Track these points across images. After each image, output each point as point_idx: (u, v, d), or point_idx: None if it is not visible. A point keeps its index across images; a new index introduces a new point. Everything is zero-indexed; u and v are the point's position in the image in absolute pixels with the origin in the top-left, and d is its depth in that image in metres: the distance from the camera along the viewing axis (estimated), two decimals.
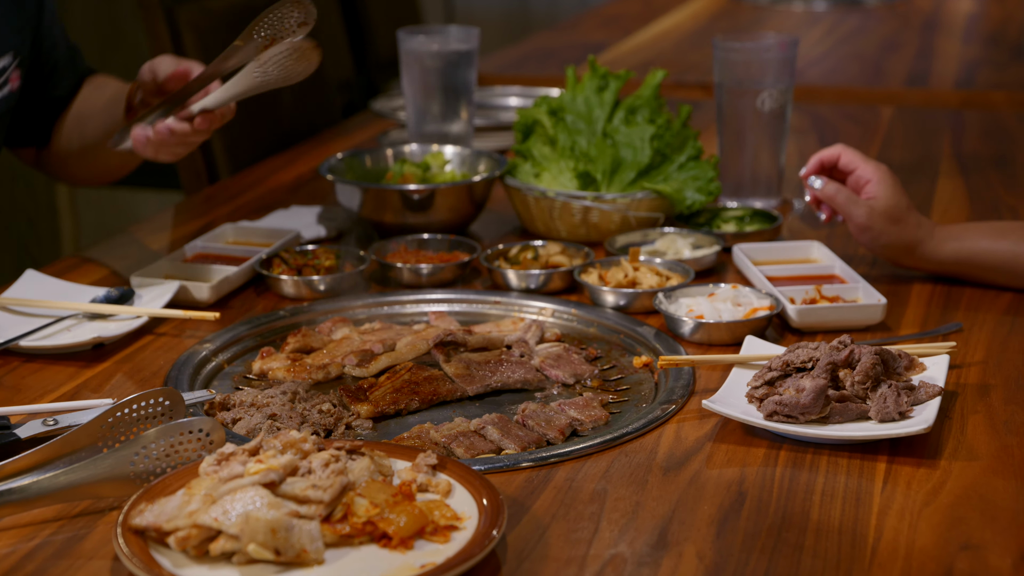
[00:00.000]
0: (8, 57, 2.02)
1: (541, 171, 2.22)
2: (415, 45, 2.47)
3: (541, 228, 2.20)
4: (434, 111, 2.49)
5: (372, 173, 2.34)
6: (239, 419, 1.56)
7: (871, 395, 1.51)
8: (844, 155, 1.95)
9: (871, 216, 1.90)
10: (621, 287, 1.89)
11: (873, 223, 1.90)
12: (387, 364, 1.70)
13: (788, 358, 1.56)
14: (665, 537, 1.31)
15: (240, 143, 2.95)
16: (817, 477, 1.42)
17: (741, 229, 2.17)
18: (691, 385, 1.63)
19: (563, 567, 1.26)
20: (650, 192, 2.15)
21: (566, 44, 3.97)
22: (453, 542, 1.25)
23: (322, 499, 1.24)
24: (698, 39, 3.91)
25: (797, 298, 1.84)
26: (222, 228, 2.16)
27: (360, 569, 1.21)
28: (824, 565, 1.26)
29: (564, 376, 1.69)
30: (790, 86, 2.30)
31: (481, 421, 1.54)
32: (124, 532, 1.23)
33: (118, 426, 1.41)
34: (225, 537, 1.20)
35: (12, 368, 1.71)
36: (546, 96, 2.34)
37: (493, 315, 1.91)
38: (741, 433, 1.52)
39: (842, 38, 3.93)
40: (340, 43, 3.68)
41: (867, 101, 3.24)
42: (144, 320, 1.81)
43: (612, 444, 1.49)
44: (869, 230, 1.91)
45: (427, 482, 1.33)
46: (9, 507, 1.31)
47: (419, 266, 1.99)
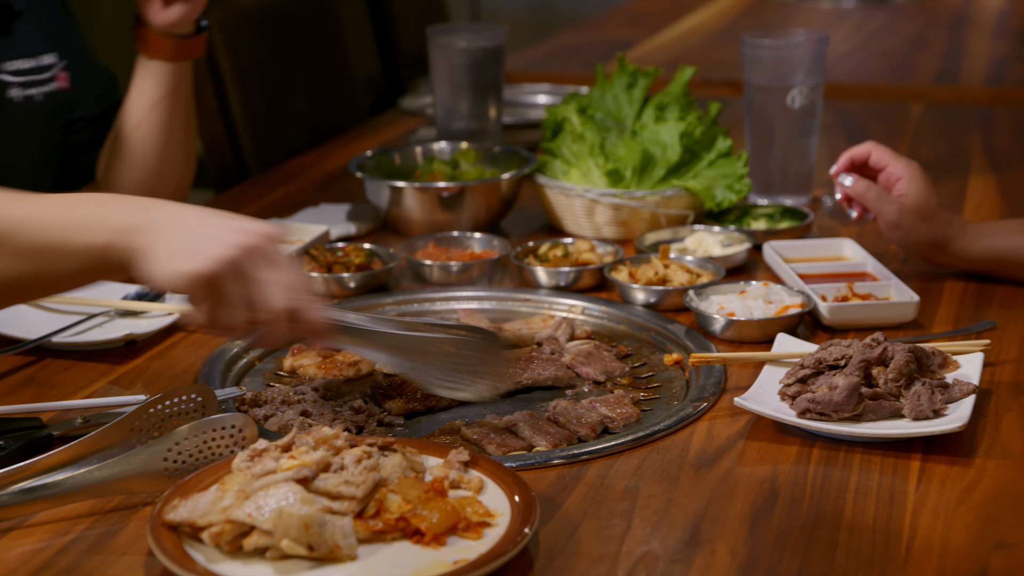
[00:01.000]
0: (53, 56, 2.03)
1: (570, 168, 2.22)
2: (444, 42, 2.47)
3: (570, 225, 2.20)
4: (463, 109, 2.49)
5: (401, 171, 2.34)
6: (271, 415, 1.56)
7: (905, 393, 1.50)
8: (874, 152, 1.94)
9: (902, 213, 1.89)
10: (652, 284, 1.89)
11: (904, 220, 1.90)
12: None
13: (821, 356, 1.55)
14: (698, 534, 1.31)
15: (269, 141, 2.96)
16: (850, 475, 1.41)
17: (771, 226, 2.17)
18: (722, 383, 1.63)
19: (595, 564, 1.26)
20: (680, 189, 2.15)
21: (591, 41, 3.97)
22: (485, 539, 1.25)
23: (355, 495, 1.24)
24: (725, 36, 3.90)
25: (829, 295, 1.84)
26: None
27: (393, 565, 1.21)
28: (858, 563, 1.25)
29: (595, 373, 1.69)
30: (820, 83, 2.29)
31: (512, 418, 1.54)
32: (158, 527, 1.23)
33: (151, 422, 1.41)
34: (259, 533, 1.20)
35: (44, 365, 1.72)
36: (575, 93, 2.34)
37: (523, 312, 1.91)
38: (773, 431, 1.51)
39: (870, 35, 3.92)
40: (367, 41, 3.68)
41: (896, 98, 3.22)
42: (175, 317, 1.82)
43: (644, 441, 1.49)
44: (900, 227, 1.90)
45: (459, 479, 1.33)
46: (43, 502, 1.32)
47: (449, 263, 1.99)
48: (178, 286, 1.36)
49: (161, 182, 2.12)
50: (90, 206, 1.42)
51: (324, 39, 3.30)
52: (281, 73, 3.08)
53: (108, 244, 1.39)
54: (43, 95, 2.01)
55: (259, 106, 2.96)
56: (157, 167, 2.11)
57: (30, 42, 2.00)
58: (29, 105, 1.99)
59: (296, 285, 1.39)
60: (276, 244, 1.40)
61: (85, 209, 1.42)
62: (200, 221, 1.39)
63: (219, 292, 1.36)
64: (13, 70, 1.96)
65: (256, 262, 1.37)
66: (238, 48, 2.88)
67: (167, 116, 2.08)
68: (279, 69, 3.07)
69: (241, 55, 2.89)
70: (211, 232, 1.37)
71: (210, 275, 1.34)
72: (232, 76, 2.86)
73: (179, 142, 2.11)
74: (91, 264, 1.42)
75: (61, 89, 2.05)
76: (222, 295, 1.36)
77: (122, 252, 1.39)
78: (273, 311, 1.37)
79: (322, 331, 1.42)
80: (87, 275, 1.45)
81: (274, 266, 1.38)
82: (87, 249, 1.40)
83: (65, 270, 1.43)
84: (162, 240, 1.37)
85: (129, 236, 1.38)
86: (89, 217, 1.41)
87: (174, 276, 1.35)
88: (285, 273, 1.39)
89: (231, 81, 2.86)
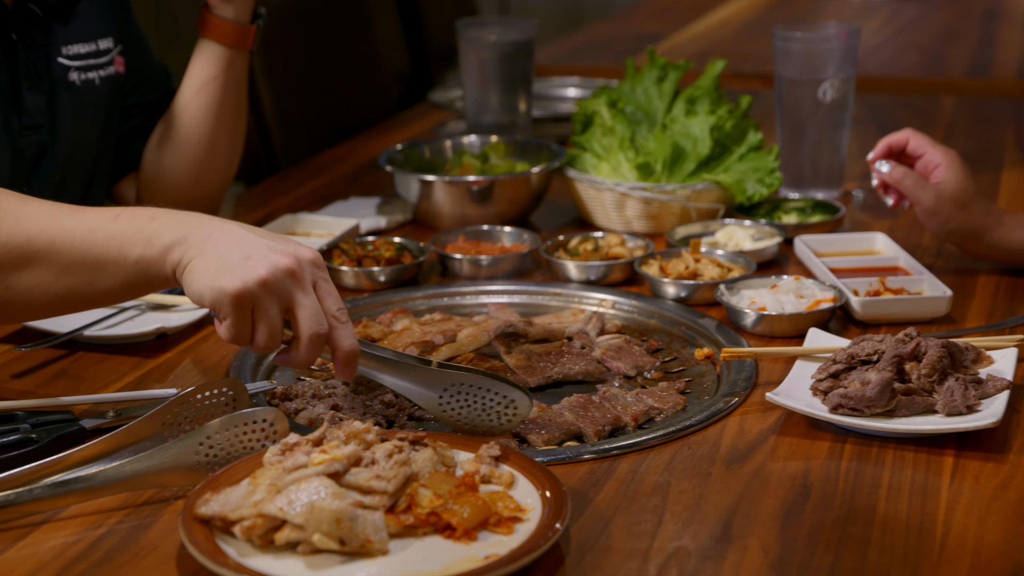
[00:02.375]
0: (110, 41, 2.05)
1: (600, 162, 2.22)
2: (474, 36, 2.47)
3: (600, 219, 2.20)
4: (492, 102, 2.48)
5: (431, 164, 2.34)
6: (301, 409, 1.56)
7: (938, 388, 1.49)
8: (912, 139, 1.93)
9: (939, 200, 1.88)
10: (682, 279, 1.89)
11: (941, 208, 1.88)
12: (448, 355, 1.70)
13: (853, 351, 1.54)
14: (729, 530, 1.30)
15: (298, 134, 2.97)
16: (883, 471, 1.41)
17: (803, 220, 2.16)
18: (754, 377, 1.62)
19: (626, 559, 1.25)
20: (710, 183, 2.14)
21: (620, 34, 3.96)
22: (517, 534, 1.25)
23: (386, 489, 1.24)
24: (755, 29, 3.89)
25: (861, 290, 1.83)
26: (282, 219, 2.17)
27: (424, 559, 1.21)
28: (891, 559, 1.25)
29: (625, 368, 1.68)
30: (852, 76, 2.28)
31: (560, 406, 1.55)
32: (189, 521, 1.23)
33: (182, 416, 1.42)
34: (290, 527, 1.20)
35: (76, 358, 1.72)
36: (605, 87, 2.33)
37: (553, 307, 1.90)
38: (805, 426, 1.51)
39: (901, 27, 3.90)
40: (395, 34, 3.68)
41: (928, 91, 3.20)
42: (206, 311, 1.82)
43: (675, 436, 1.49)
44: (937, 215, 1.89)
45: (490, 473, 1.33)
46: (75, 495, 1.32)
47: (479, 257, 1.99)
48: (212, 302, 1.38)
49: (204, 169, 2.13)
50: (134, 219, 1.44)
51: (354, 33, 3.30)
52: (311, 67, 3.08)
53: (150, 257, 1.42)
54: (100, 79, 2.03)
55: (289, 100, 2.96)
56: (201, 152, 2.11)
57: (88, 27, 2.02)
58: (88, 88, 2.01)
59: (330, 312, 1.41)
60: (317, 269, 1.41)
61: (128, 222, 1.44)
62: (242, 239, 1.40)
63: (250, 311, 1.38)
64: (72, 54, 1.98)
65: (296, 285, 1.39)
66: (268, 42, 2.88)
67: (213, 100, 2.09)
68: (309, 63, 3.08)
69: (271, 49, 2.89)
70: (252, 251, 1.39)
71: (247, 294, 1.37)
72: (262, 70, 2.86)
73: (225, 130, 2.12)
74: (133, 278, 1.44)
75: (118, 74, 2.07)
76: (256, 315, 1.38)
77: (162, 265, 1.42)
78: (302, 335, 1.40)
79: (349, 359, 1.43)
80: (128, 289, 1.47)
81: (311, 290, 1.40)
82: (129, 263, 1.43)
83: (107, 284, 1.46)
84: (203, 255, 1.39)
85: (170, 249, 1.41)
86: (131, 230, 1.43)
87: (209, 291, 1.37)
88: (322, 298, 1.41)
89: (261, 75, 2.86)
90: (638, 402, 1.58)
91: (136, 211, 1.46)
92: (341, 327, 1.41)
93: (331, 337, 1.41)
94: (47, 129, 1.95)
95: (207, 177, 2.13)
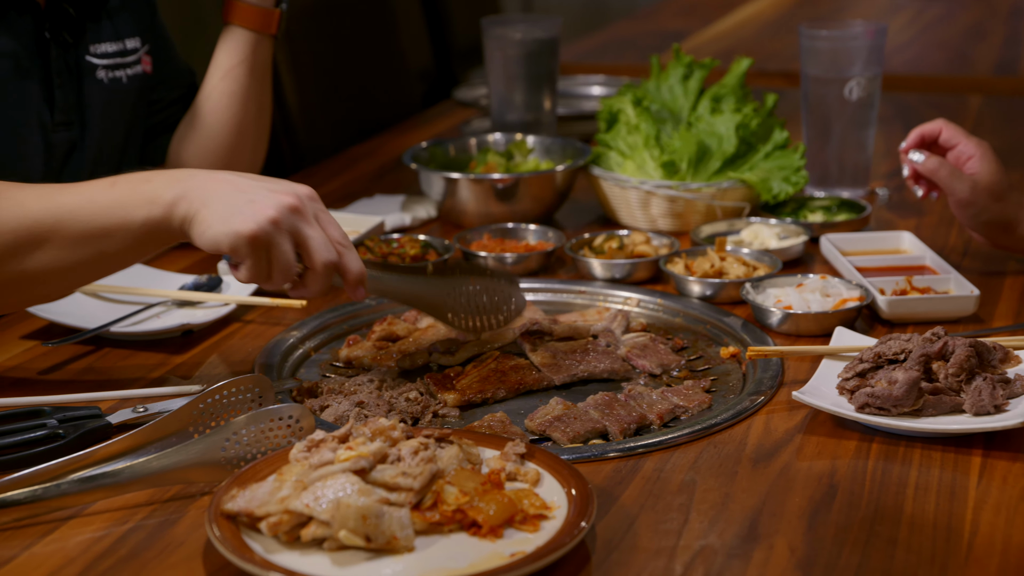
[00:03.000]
0: (137, 41, 2.07)
1: (625, 160, 2.21)
2: (499, 34, 2.47)
3: (625, 217, 2.19)
4: (517, 100, 2.48)
5: (455, 162, 2.34)
6: (327, 406, 1.57)
7: (965, 388, 1.49)
8: (945, 130, 1.91)
9: (974, 191, 1.86)
10: (707, 277, 1.88)
11: (976, 198, 1.86)
12: (474, 352, 1.70)
13: (880, 350, 1.54)
14: (756, 529, 1.30)
15: (323, 132, 2.97)
16: (910, 470, 1.40)
17: (828, 219, 2.15)
18: (780, 376, 1.62)
19: (652, 558, 1.25)
20: (736, 181, 2.14)
21: (645, 32, 3.95)
22: (543, 531, 1.25)
23: (412, 486, 1.24)
24: (779, 27, 3.88)
25: (887, 289, 1.82)
26: None
27: (450, 557, 1.21)
28: (919, 559, 1.24)
29: (651, 366, 1.68)
30: (878, 74, 2.27)
31: (585, 404, 1.55)
32: (216, 517, 1.24)
33: (208, 412, 1.42)
34: (316, 523, 1.21)
35: (103, 354, 1.73)
36: (630, 85, 2.33)
37: (578, 304, 1.90)
38: (831, 425, 1.50)
39: (927, 25, 3.88)
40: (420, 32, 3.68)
41: (954, 90, 3.19)
42: (232, 307, 1.83)
43: (701, 435, 1.48)
44: (972, 205, 1.87)
45: (516, 471, 1.33)
46: (102, 491, 1.32)
47: (503, 255, 1.99)
48: (228, 246, 1.46)
49: (230, 159, 2.14)
50: (129, 184, 1.52)
51: (378, 30, 3.30)
52: (336, 65, 3.09)
53: (154, 216, 1.49)
54: (128, 77, 2.05)
55: (314, 97, 2.97)
56: (227, 140, 2.12)
57: (117, 27, 2.05)
58: (116, 86, 2.03)
59: (336, 239, 1.51)
60: (315, 202, 1.51)
61: (126, 188, 1.51)
62: (239, 185, 1.49)
63: (270, 250, 1.46)
64: (100, 52, 2.00)
65: (302, 220, 1.48)
66: (293, 39, 2.89)
67: (239, 86, 2.10)
68: (334, 61, 3.08)
69: (297, 47, 2.90)
70: (253, 195, 1.47)
71: (262, 234, 1.45)
72: (287, 67, 2.87)
73: (251, 117, 2.12)
74: (141, 238, 1.51)
75: (145, 73, 2.09)
76: (272, 252, 1.46)
77: (169, 221, 1.49)
78: (316, 265, 1.48)
79: (360, 280, 1.53)
80: (138, 249, 1.54)
81: (316, 222, 1.50)
82: (134, 225, 1.50)
83: (116, 249, 1.52)
84: (208, 205, 1.47)
85: (173, 205, 1.48)
86: (131, 195, 1.50)
87: (225, 237, 1.45)
88: (326, 228, 1.50)
89: (287, 72, 2.87)
90: (663, 400, 1.57)
91: (130, 176, 1.53)
92: (347, 252, 1.52)
93: (340, 263, 1.51)
94: (77, 125, 1.97)
95: (233, 168, 2.13)
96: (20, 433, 1.45)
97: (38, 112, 1.91)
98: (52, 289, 1.58)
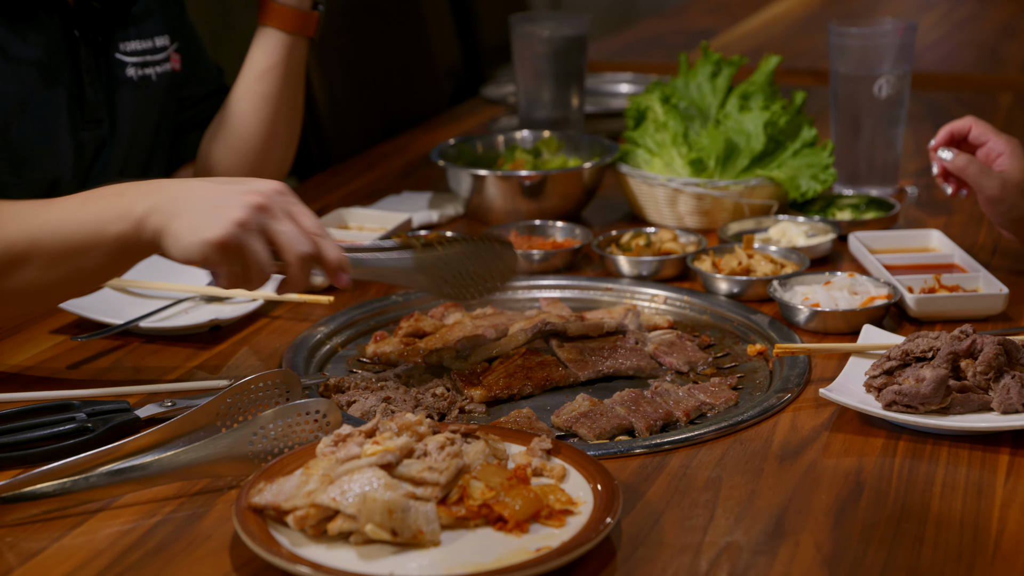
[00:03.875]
0: (166, 38, 2.08)
1: (653, 158, 2.21)
2: (527, 31, 2.47)
3: (653, 215, 2.19)
4: (545, 97, 2.48)
5: (483, 159, 2.34)
6: (354, 401, 1.57)
7: (993, 386, 1.48)
8: (975, 127, 1.91)
9: (1004, 188, 1.85)
10: (735, 274, 1.88)
11: (1006, 195, 1.85)
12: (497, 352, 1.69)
13: (908, 347, 1.53)
14: (781, 526, 1.30)
15: (351, 129, 2.98)
16: (937, 468, 1.40)
17: (857, 217, 2.14)
18: (806, 374, 1.61)
19: (678, 554, 1.25)
20: (764, 179, 2.13)
21: (673, 30, 3.95)
22: (568, 527, 1.25)
23: (438, 481, 1.25)
24: (808, 25, 3.87)
25: (915, 287, 1.81)
26: (335, 213, 2.18)
27: (475, 551, 1.21)
28: (945, 557, 1.24)
29: (678, 363, 1.68)
30: (908, 72, 2.26)
31: (611, 401, 1.55)
32: (243, 510, 1.24)
33: (236, 406, 1.43)
34: (343, 517, 1.21)
35: (131, 349, 1.74)
36: (658, 82, 2.32)
37: (605, 302, 1.90)
38: (858, 423, 1.50)
39: (958, 23, 3.86)
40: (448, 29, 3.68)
41: (984, 88, 3.17)
42: (260, 303, 1.83)
43: (727, 432, 1.48)
44: (1001, 202, 1.86)
45: (542, 466, 1.33)
46: (130, 484, 1.33)
47: (531, 252, 1.99)
48: (201, 256, 1.44)
49: (261, 159, 2.14)
50: (102, 199, 1.51)
51: (406, 27, 3.30)
52: (364, 62, 3.09)
53: (127, 232, 1.48)
54: (157, 75, 2.05)
55: (342, 94, 2.97)
56: (259, 142, 2.13)
57: (146, 25, 2.05)
58: (145, 84, 2.04)
59: (310, 229, 1.49)
60: (284, 196, 1.49)
61: (99, 203, 1.50)
62: (208, 191, 1.48)
63: (241, 253, 1.44)
64: (129, 50, 2.01)
65: (270, 217, 1.46)
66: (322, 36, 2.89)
67: (273, 89, 2.10)
68: (362, 58, 3.08)
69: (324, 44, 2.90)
70: (222, 199, 1.46)
71: (230, 239, 1.43)
72: (316, 64, 2.88)
73: (283, 119, 2.13)
74: (115, 254, 1.50)
75: (174, 71, 2.09)
76: (244, 255, 1.45)
77: (141, 235, 1.48)
78: (293, 258, 1.47)
79: (340, 267, 1.51)
80: (112, 265, 1.53)
81: (287, 217, 1.48)
82: (108, 241, 1.49)
83: (93, 265, 1.52)
84: (177, 216, 1.46)
85: (145, 219, 1.47)
86: (104, 210, 1.49)
87: (195, 247, 1.44)
88: (298, 220, 1.48)
89: (315, 69, 2.88)
90: (690, 397, 1.57)
91: (102, 191, 1.52)
92: (323, 241, 1.50)
93: (317, 253, 1.49)
94: (107, 123, 1.98)
95: (264, 168, 2.14)
96: (49, 427, 1.46)
97: (68, 111, 1.92)
98: (33, 307, 1.61)
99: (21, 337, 1.76)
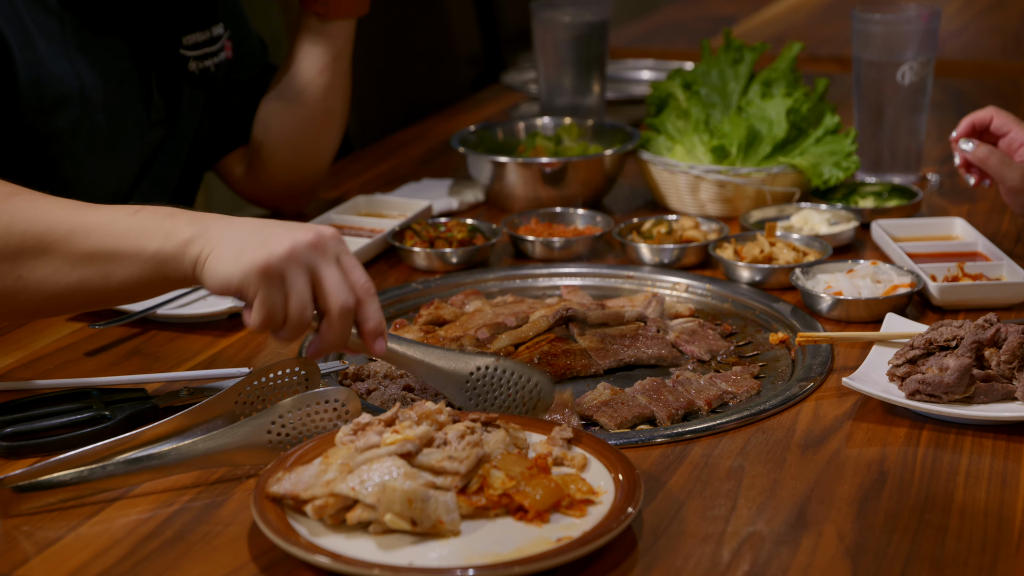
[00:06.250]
0: (220, 27, 2.07)
1: (674, 145, 2.20)
2: (548, 17, 2.46)
3: (674, 202, 2.18)
4: (566, 84, 2.47)
5: (504, 146, 2.33)
6: (373, 390, 1.56)
7: (1017, 375, 1.47)
8: (996, 118, 1.89)
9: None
10: (757, 262, 1.87)
11: None
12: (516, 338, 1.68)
13: (931, 336, 1.52)
14: (804, 516, 1.28)
15: (371, 116, 2.97)
16: (961, 458, 1.38)
17: (879, 205, 2.13)
18: (829, 362, 1.60)
19: (700, 544, 1.24)
20: (786, 166, 2.12)
21: (695, 17, 3.93)
22: (589, 516, 1.24)
23: (458, 470, 1.24)
24: (831, 12, 3.84)
25: (939, 275, 1.80)
26: (354, 200, 2.17)
27: (496, 541, 1.21)
28: (969, 548, 1.23)
29: (699, 352, 1.67)
30: (931, 59, 2.24)
31: (633, 389, 1.54)
32: (261, 499, 1.24)
33: (255, 394, 1.42)
34: (362, 507, 1.20)
35: (150, 337, 1.74)
36: (680, 69, 2.31)
37: (626, 289, 1.89)
38: (881, 412, 1.49)
39: (981, 10, 3.84)
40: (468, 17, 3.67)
41: (1008, 76, 3.15)
42: None
43: (749, 421, 1.47)
44: (1023, 193, 1.85)
45: (562, 456, 1.32)
46: (148, 473, 1.33)
47: (551, 239, 1.98)
48: (241, 280, 1.34)
49: (318, 144, 2.14)
50: (153, 215, 1.42)
51: (427, 14, 3.29)
52: (385, 48, 3.08)
53: (166, 249, 1.40)
54: (215, 66, 2.05)
55: (363, 81, 2.96)
56: (318, 128, 2.12)
57: (203, 14, 2.03)
58: (204, 76, 2.03)
59: (358, 283, 1.39)
60: (339, 243, 1.39)
61: (148, 218, 1.42)
62: (259, 225, 1.39)
63: (283, 283, 1.35)
64: (191, 43, 2.00)
65: (321, 256, 1.37)
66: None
67: (335, 79, 2.09)
68: (383, 44, 3.07)
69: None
70: (271, 232, 1.37)
71: (275, 264, 1.34)
72: None
73: (339, 101, 2.12)
74: (148, 272, 1.41)
75: (227, 59, 2.09)
76: (286, 286, 1.35)
77: (182, 259, 1.39)
78: (334, 307, 1.37)
79: (379, 331, 1.41)
80: (144, 285, 1.44)
81: (337, 264, 1.38)
82: (145, 254, 1.41)
83: (122, 277, 1.43)
84: (222, 243, 1.37)
85: (189, 243, 1.39)
86: (151, 225, 1.41)
87: (236, 271, 1.34)
88: (348, 271, 1.39)
89: None
90: (712, 386, 1.56)
91: (155, 209, 1.44)
92: (368, 300, 1.39)
93: (359, 311, 1.39)
94: (172, 121, 1.98)
95: (320, 151, 2.14)
96: (67, 414, 1.46)
97: (135, 112, 1.91)
98: (42, 306, 1.49)
99: (39, 324, 1.76)
